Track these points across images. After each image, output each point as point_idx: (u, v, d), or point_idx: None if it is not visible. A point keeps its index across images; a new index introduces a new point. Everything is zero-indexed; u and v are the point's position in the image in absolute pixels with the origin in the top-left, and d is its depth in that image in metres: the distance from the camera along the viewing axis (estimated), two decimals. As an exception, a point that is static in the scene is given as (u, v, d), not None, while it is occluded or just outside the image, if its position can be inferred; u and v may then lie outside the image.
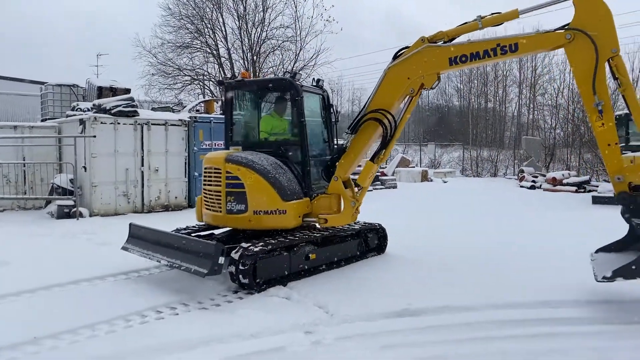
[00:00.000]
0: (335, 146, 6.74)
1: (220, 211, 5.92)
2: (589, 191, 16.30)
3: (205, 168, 6.21)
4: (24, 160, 11.79)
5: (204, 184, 6.24)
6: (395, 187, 18.85)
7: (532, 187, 18.59)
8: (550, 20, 5.92)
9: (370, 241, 6.90)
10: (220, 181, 5.90)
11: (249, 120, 6.77)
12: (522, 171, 21.23)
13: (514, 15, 5.12)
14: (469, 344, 4.03)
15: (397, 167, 23.55)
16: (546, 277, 5.89)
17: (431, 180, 22.21)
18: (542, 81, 31.42)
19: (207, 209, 6.18)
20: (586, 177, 18.50)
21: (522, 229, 9.46)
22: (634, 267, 4.34)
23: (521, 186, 19.43)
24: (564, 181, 17.70)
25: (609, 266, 4.69)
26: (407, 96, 5.76)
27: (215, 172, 6.00)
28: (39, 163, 11.81)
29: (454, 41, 5.44)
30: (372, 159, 6.20)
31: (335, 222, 6.21)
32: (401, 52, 5.72)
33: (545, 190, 17.82)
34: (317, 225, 6.30)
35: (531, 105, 32.35)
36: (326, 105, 6.77)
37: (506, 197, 15.71)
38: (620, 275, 4.42)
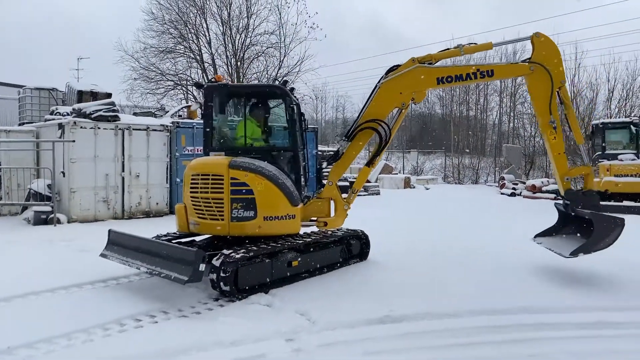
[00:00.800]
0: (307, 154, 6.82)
1: (223, 219, 5.70)
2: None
3: (197, 174, 5.85)
4: (0, 165, 11.51)
5: (194, 192, 5.86)
6: (378, 193, 18.95)
7: (513, 194, 18.90)
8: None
9: (353, 248, 6.91)
10: (221, 188, 5.69)
11: (231, 125, 6.70)
12: (503, 178, 21.58)
13: (488, 46, 6.37)
14: (451, 350, 4.06)
15: (380, 173, 23.69)
16: (527, 282, 5.98)
17: (414, 187, 22.40)
18: (522, 90, 32.03)
19: (200, 217, 5.83)
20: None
21: (503, 235, 9.59)
22: (591, 244, 5.69)
23: (502, 193, 19.74)
24: (544, 188, 18.05)
25: (564, 246, 6.08)
26: (397, 108, 6.44)
27: (214, 179, 5.76)
28: (15, 168, 11.54)
29: (437, 63, 6.24)
30: (368, 165, 6.91)
31: (333, 225, 6.59)
32: (392, 68, 6.37)
33: (525, 197, 18.14)
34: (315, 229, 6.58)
35: (511, 114, 32.95)
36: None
37: (487, 204, 15.94)
38: (582, 251, 5.70)
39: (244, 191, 5.66)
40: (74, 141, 10.60)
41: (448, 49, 6.29)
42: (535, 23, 40.60)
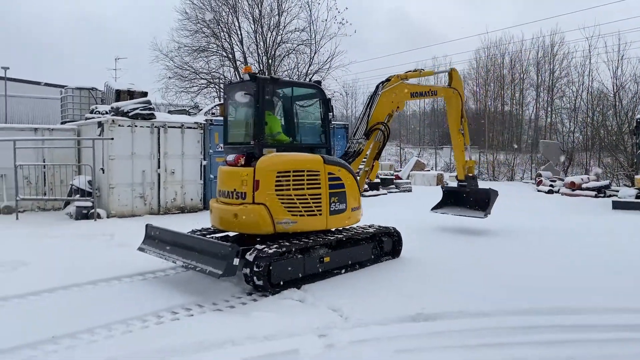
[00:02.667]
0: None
1: (321, 213, 5.95)
2: (609, 196, 15.99)
3: (287, 172, 5.73)
4: (44, 162, 12.03)
5: (284, 189, 5.70)
6: (410, 190, 18.75)
7: (550, 192, 18.31)
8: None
9: (385, 245, 6.86)
10: (318, 183, 5.94)
11: (276, 120, 6.52)
12: (540, 175, 20.92)
13: (431, 72, 9.45)
14: (484, 349, 3.98)
15: (412, 170, 23.42)
16: (562, 283, 5.79)
17: (447, 184, 22.03)
18: (560, 84, 30.97)
19: (295, 215, 5.78)
20: (606, 182, 18.15)
21: (541, 233, 9.32)
22: (490, 207, 9.08)
23: (539, 190, 19.15)
24: (583, 185, 17.40)
25: (471, 213, 9.26)
26: (388, 114, 7.77)
27: (310, 175, 5.88)
28: (58, 165, 12.04)
29: (410, 80, 8.10)
30: (376, 159, 7.59)
31: (359, 217, 6.78)
32: (386, 80, 7.85)
33: (563, 194, 17.54)
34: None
35: (549, 109, 31.88)
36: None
37: (523, 201, 15.50)
38: (488, 212, 8.99)
39: (338, 185, 6.13)
40: (112, 139, 10.96)
41: (417, 70, 8.44)
42: (573, 15, 39.00)
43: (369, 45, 56.74)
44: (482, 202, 9.17)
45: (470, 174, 9.32)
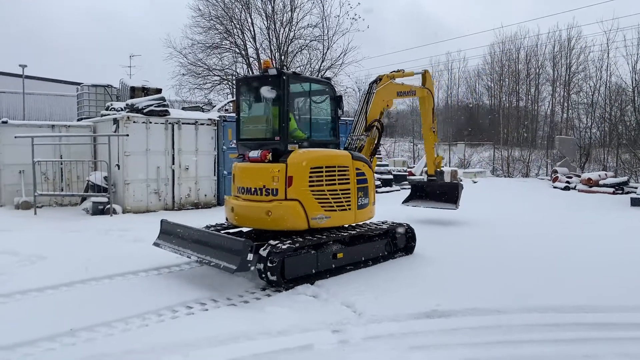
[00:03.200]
0: None
1: (350, 208, 6.14)
2: (627, 192, 15.70)
3: (320, 167, 5.82)
4: (61, 158, 12.22)
5: (317, 185, 5.77)
6: (423, 187, 18.62)
7: (567, 188, 18.04)
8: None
9: (398, 241, 6.84)
10: (348, 179, 6.13)
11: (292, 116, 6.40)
12: (556, 171, 20.63)
13: (411, 73, 8.81)
14: (499, 347, 3.95)
15: (425, 167, 23.27)
16: (581, 280, 5.71)
17: (461, 180, 21.84)
18: (577, 79, 30.45)
19: (328, 210, 5.86)
20: (624, 178, 17.80)
21: (557, 230, 9.20)
22: (458, 198, 9.64)
23: (555, 187, 18.88)
24: (601, 182, 17.10)
25: (442, 205, 9.74)
26: (380, 112, 7.95)
27: (341, 170, 6.03)
28: (75, 161, 12.23)
29: (396, 80, 8.31)
30: (373, 155, 7.49)
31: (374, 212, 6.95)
32: (377, 80, 8.03)
33: (580, 191, 17.26)
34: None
35: (565, 104, 31.37)
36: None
37: (539, 198, 15.30)
38: (458, 204, 9.60)
39: (363, 180, 6.36)
40: (127, 135, 11.08)
41: (399, 70, 8.59)
42: (590, 8, 38.30)
43: (382, 41, 56.32)
44: (451, 195, 9.69)
45: (439, 169, 9.88)
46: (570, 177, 19.16)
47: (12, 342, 3.89)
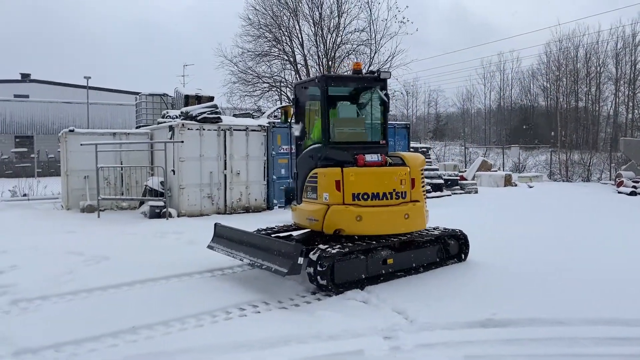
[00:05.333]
0: None
1: (427, 210, 6.32)
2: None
3: (423, 171, 6.29)
4: (121, 164, 12.90)
5: (423, 187, 6.22)
6: (476, 191, 18.09)
7: (633, 193, 16.92)
8: None
9: (451, 248, 6.66)
10: (424, 182, 6.42)
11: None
12: (621, 176, 19.39)
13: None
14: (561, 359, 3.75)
15: (477, 171, 22.58)
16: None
17: (515, 185, 21.02)
18: (644, 76, 28.57)
19: (426, 210, 6.28)
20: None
21: (622, 238, 8.63)
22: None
23: (619, 192, 17.76)
24: (672, 187, 15.89)
25: None
26: None
27: (422, 174, 6.31)
28: (134, 167, 12.86)
29: None
30: None
31: None
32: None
33: (648, 196, 16.13)
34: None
35: (630, 104, 29.49)
36: None
37: (602, 204, 14.45)
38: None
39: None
40: (182, 142, 11.53)
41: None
42: (660, 0, 35.78)
43: (427, 43, 55.45)
44: None
45: None
46: (637, 182, 17.95)
47: (79, 337, 4.13)
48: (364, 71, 6.57)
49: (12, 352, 3.86)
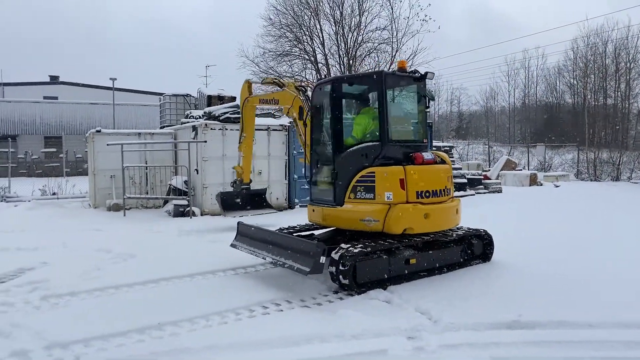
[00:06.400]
0: None
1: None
2: None
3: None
4: (146, 163, 13.14)
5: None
6: (500, 191, 17.78)
7: (665, 193, 16.35)
8: None
9: (475, 248, 6.56)
10: None
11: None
12: (652, 174, 18.76)
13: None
14: (592, 364, 3.65)
15: (501, 170, 22.20)
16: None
17: (541, 184, 20.58)
18: (677, 72, 27.57)
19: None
20: None
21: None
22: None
23: (650, 191, 17.19)
24: None
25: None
26: None
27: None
28: (158, 166, 13.08)
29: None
30: None
31: None
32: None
33: (681, 196, 15.57)
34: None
35: (662, 100, 28.52)
36: None
37: (632, 204, 14.01)
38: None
39: None
40: (205, 141, 11.67)
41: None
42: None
43: (448, 40, 54.66)
44: (261, 199, 8.65)
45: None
46: (670, 181, 17.35)
47: (107, 333, 4.22)
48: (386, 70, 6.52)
49: (44, 346, 3.97)
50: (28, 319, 4.58)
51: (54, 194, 16.00)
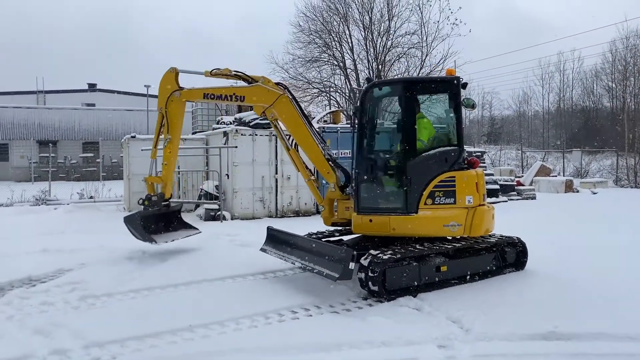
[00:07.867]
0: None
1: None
2: None
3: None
4: (178, 168, 13.42)
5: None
6: (534, 197, 17.31)
7: None
8: None
9: (508, 256, 6.40)
10: None
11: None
12: (697, 181, 17.88)
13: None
14: (634, 379, 3.50)
15: (535, 176, 21.61)
16: None
17: (577, 191, 19.91)
18: None
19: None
20: None
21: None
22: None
23: (696, 199, 16.38)
24: None
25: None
26: None
27: None
28: (190, 171, 13.36)
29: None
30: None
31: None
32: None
33: None
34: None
35: None
36: None
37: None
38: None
39: None
40: (236, 147, 11.85)
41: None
42: None
43: (479, 44, 53.69)
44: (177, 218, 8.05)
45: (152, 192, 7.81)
46: None
47: (141, 334, 4.33)
48: (416, 74, 6.50)
49: (82, 345, 4.11)
50: (67, 319, 4.75)
51: (91, 197, 16.55)
